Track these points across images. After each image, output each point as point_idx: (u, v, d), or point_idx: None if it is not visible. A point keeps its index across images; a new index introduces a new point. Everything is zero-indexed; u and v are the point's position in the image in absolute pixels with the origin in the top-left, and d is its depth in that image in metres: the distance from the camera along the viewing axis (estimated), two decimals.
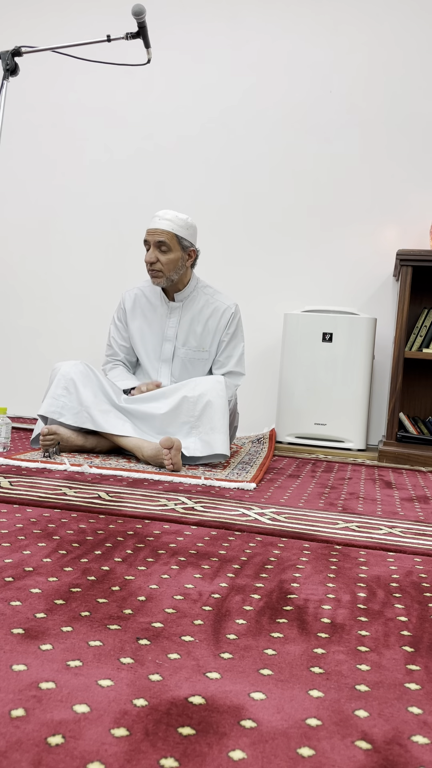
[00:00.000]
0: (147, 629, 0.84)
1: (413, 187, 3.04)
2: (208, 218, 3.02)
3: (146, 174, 3.31)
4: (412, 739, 0.63)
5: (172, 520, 1.41)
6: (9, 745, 0.56)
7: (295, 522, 1.47)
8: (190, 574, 1.07)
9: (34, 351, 3.40)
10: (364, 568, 1.17)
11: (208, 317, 2.38)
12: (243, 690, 0.69)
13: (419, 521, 1.59)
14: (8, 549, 1.12)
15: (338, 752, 0.59)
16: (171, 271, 2.28)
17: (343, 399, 2.78)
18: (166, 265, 2.26)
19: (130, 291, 2.49)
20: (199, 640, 0.81)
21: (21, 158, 3.43)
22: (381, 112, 3.07)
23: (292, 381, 2.83)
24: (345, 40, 3.11)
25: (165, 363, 2.39)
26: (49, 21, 3.40)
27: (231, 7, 3.21)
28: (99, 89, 3.35)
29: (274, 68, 3.18)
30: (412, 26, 3.04)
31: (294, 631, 0.87)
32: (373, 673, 0.76)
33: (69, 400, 2.17)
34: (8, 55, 1.89)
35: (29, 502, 1.48)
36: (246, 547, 1.25)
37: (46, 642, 0.77)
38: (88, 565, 1.07)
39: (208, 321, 2.38)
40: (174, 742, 0.59)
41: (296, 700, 0.68)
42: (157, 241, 2.23)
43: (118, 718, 0.62)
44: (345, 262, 3.11)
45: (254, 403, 3.13)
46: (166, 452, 1.99)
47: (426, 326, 2.82)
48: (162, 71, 3.29)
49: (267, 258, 3.17)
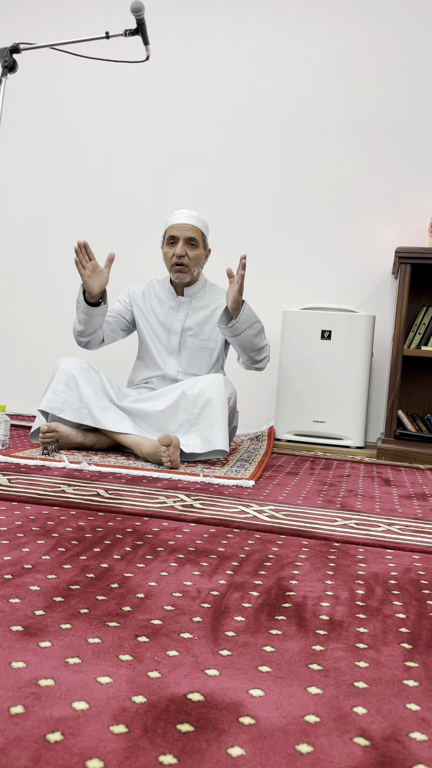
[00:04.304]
0: (146, 626, 0.84)
1: (412, 185, 3.04)
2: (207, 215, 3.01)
3: (145, 172, 3.30)
4: (411, 735, 0.63)
5: (170, 518, 1.41)
6: (8, 742, 0.56)
7: (293, 519, 1.48)
8: (189, 571, 1.07)
9: (32, 349, 3.39)
10: (363, 566, 1.17)
11: (215, 309, 2.42)
12: (242, 687, 0.70)
13: (417, 518, 1.59)
14: (7, 546, 1.12)
15: (336, 749, 0.59)
16: (195, 267, 2.35)
17: (342, 396, 2.78)
18: (192, 260, 2.32)
19: (138, 285, 2.53)
20: (197, 637, 0.81)
21: (19, 155, 3.42)
22: (380, 109, 3.07)
23: (291, 378, 2.83)
24: (344, 38, 3.10)
25: (172, 354, 2.41)
26: (47, 18, 3.39)
27: (229, 5, 3.20)
28: (97, 87, 3.35)
29: (273, 66, 3.17)
30: (410, 25, 3.03)
31: (292, 628, 0.87)
32: (371, 670, 0.76)
33: (69, 396, 2.17)
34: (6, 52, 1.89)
35: (28, 499, 1.48)
36: (244, 545, 1.25)
37: (45, 639, 0.77)
38: (87, 562, 1.08)
39: (215, 312, 2.41)
40: (173, 739, 0.59)
41: (295, 697, 0.68)
42: (188, 236, 2.30)
43: (116, 715, 0.62)
44: (344, 259, 3.11)
45: (253, 400, 3.13)
46: (164, 449, 2.00)
47: (425, 324, 2.82)
48: (160, 68, 3.28)
49: (265, 256, 3.17)
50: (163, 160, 3.27)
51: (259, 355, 2.32)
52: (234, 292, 2.13)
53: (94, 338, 2.35)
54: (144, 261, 3.23)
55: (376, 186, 3.07)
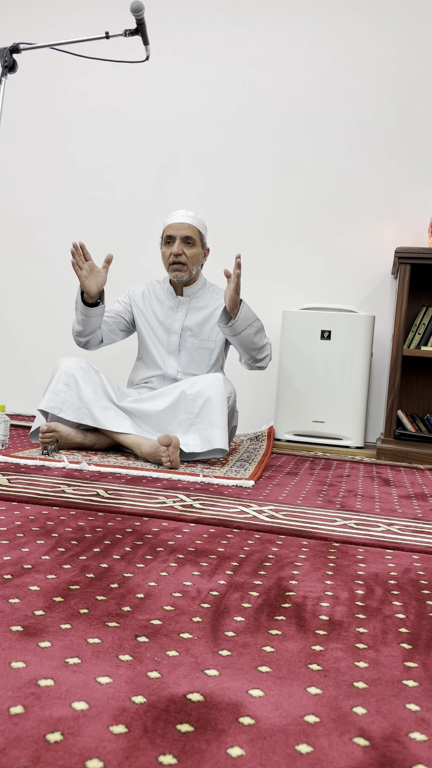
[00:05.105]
0: (145, 626, 0.84)
1: (412, 185, 3.04)
2: (206, 215, 3.01)
3: (145, 172, 3.30)
4: (410, 735, 0.63)
5: (170, 518, 1.41)
6: (8, 742, 0.56)
7: (293, 519, 1.48)
8: (189, 571, 1.07)
9: (31, 348, 3.39)
10: (362, 566, 1.17)
11: (215, 309, 2.42)
12: (241, 687, 0.70)
13: (417, 519, 1.59)
14: (7, 546, 1.12)
15: (336, 749, 0.59)
16: (193, 265, 2.36)
17: (342, 397, 2.78)
18: (190, 259, 2.33)
19: (138, 285, 2.53)
20: (197, 638, 0.81)
21: (18, 154, 3.42)
22: (380, 109, 3.07)
23: (291, 378, 2.83)
24: (344, 38, 3.10)
25: (172, 354, 2.42)
26: (47, 18, 3.39)
27: (230, 4, 3.20)
28: (97, 87, 3.35)
29: (274, 65, 3.17)
30: (412, 25, 3.04)
31: (292, 628, 0.87)
32: (371, 670, 0.76)
33: (69, 396, 2.17)
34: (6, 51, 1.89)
35: (28, 499, 1.48)
36: (244, 545, 1.25)
37: (44, 639, 0.77)
38: (87, 562, 1.08)
39: (215, 312, 2.41)
40: (172, 739, 0.59)
41: (294, 697, 0.68)
42: (185, 235, 2.31)
43: (116, 715, 0.62)
44: (343, 259, 3.11)
45: (253, 400, 3.13)
46: (163, 449, 2.00)
47: (424, 324, 2.82)
48: (160, 68, 3.28)
49: (265, 255, 3.17)
50: (163, 159, 3.27)
51: (260, 353, 2.32)
52: (231, 292, 2.14)
53: (93, 338, 2.35)
54: (144, 261, 3.23)
55: (376, 186, 3.07)
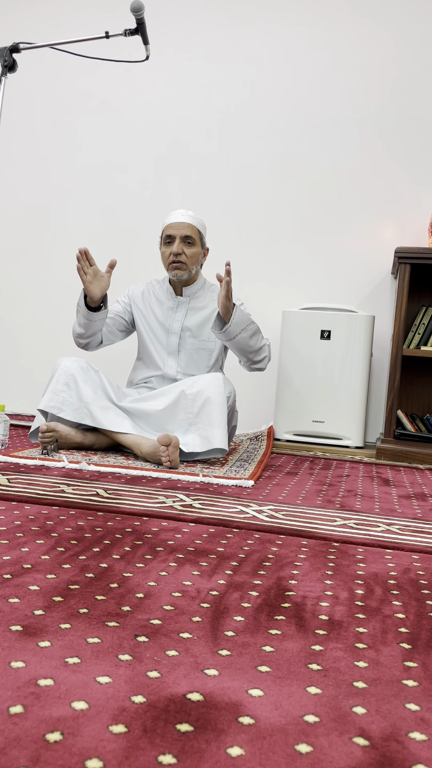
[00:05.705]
0: (145, 626, 0.84)
1: (411, 185, 3.04)
2: (206, 215, 3.01)
3: (145, 171, 3.30)
4: (410, 735, 0.63)
5: (170, 518, 1.41)
6: (7, 741, 0.56)
7: (293, 519, 1.48)
8: (188, 571, 1.07)
9: (32, 348, 3.39)
10: (362, 566, 1.17)
11: (214, 309, 2.42)
12: (241, 687, 0.70)
13: (417, 518, 1.59)
14: (6, 546, 1.12)
15: (336, 749, 0.59)
16: (193, 265, 2.36)
17: (341, 396, 2.78)
18: (190, 258, 2.34)
19: (137, 285, 2.53)
20: (197, 637, 0.81)
21: (19, 154, 3.42)
22: (380, 109, 3.07)
23: (291, 378, 2.83)
24: (344, 38, 3.10)
25: (171, 355, 2.42)
26: (46, 18, 3.39)
27: (230, 5, 3.20)
28: (98, 87, 3.35)
29: (273, 65, 3.17)
30: (410, 25, 3.04)
31: (292, 628, 0.87)
32: (370, 670, 0.76)
33: (69, 396, 2.17)
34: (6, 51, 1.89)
35: (27, 499, 1.48)
36: (244, 545, 1.25)
37: (44, 639, 0.77)
38: (87, 562, 1.08)
39: (214, 312, 2.41)
40: (172, 739, 0.59)
41: (294, 697, 0.68)
42: (184, 235, 2.31)
43: (116, 715, 0.62)
44: (343, 259, 3.11)
45: (252, 400, 3.13)
46: (163, 449, 1.99)
47: (424, 324, 2.82)
48: (160, 68, 3.28)
49: (265, 255, 3.17)
50: (163, 159, 3.27)
51: (258, 356, 2.32)
52: (222, 297, 2.14)
53: (93, 340, 2.35)
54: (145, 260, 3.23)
55: (376, 186, 3.07)
